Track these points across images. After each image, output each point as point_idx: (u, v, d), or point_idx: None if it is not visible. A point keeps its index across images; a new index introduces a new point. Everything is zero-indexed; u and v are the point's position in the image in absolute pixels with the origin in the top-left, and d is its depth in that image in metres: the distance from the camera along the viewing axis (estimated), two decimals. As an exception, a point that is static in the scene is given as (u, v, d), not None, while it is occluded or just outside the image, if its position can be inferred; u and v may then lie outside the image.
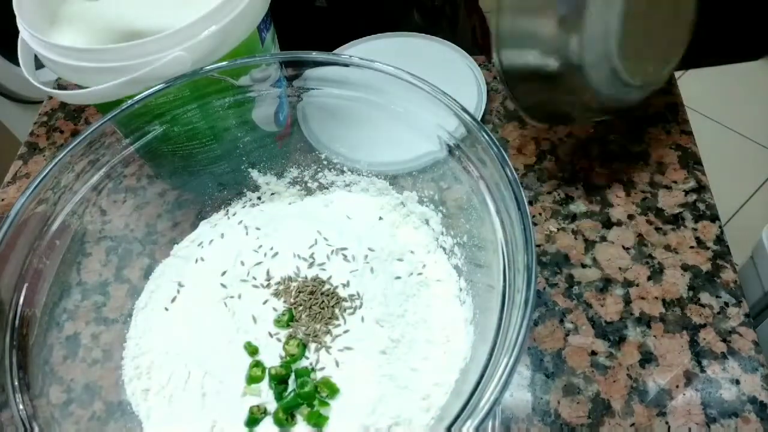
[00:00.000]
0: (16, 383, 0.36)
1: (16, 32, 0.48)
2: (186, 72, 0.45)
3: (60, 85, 0.71)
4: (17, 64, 0.50)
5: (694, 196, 0.56)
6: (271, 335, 0.44)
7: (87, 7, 0.52)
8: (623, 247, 0.53)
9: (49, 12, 0.51)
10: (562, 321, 0.49)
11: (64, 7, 0.52)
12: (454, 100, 0.41)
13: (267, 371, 0.43)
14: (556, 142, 0.61)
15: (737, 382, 0.45)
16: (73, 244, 0.44)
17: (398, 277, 0.46)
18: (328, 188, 0.54)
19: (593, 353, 0.47)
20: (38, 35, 0.45)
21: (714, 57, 0.57)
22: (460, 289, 0.46)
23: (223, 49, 0.47)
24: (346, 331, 0.44)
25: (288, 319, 0.45)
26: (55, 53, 0.45)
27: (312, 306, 0.45)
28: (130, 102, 0.44)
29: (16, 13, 0.47)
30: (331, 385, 0.41)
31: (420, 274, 0.47)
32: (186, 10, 0.48)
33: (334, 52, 0.69)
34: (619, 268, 0.52)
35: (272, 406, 0.42)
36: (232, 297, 0.46)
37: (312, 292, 0.45)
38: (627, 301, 0.50)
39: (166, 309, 0.47)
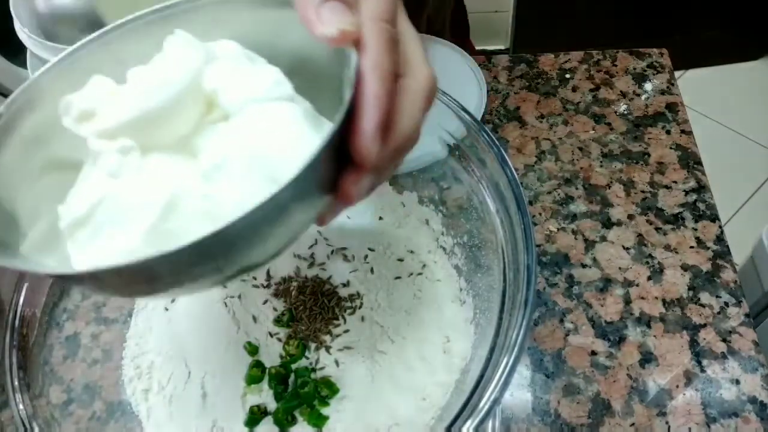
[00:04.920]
0: (16, 383, 0.36)
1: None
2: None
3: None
4: (17, 64, 0.50)
5: (694, 196, 0.56)
6: (271, 335, 0.44)
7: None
8: (623, 247, 0.53)
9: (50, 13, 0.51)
10: (562, 321, 0.49)
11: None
12: (454, 100, 0.41)
13: (267, 371, 0.43)
14: (556, 142, 0.61)
15: (737, 382, 0.45)
16: (73, 244, 0.44)
17: (398, 277, 0.46)
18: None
19: (593, 353, 0.47)
20: (35, 36, 0.45)
21: (714, 57, 0.56)
22: (461, 289, 0.46)
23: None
24: (346, 331, 0.44)
25: (288, 319, 0.45)
26: (52, 54, 0.45)
27: (312, 306, 0.45)
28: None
29: (12, 14, 0.47)
30: (331, 385, 0.41)
31: (420, 274, 0.47)
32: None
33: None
34: (619, 268, 0.52)
35: (272, 406, 0.42)
36: (232, 297, 0.46)
37: (312, 292, 0.45)
38: (627, 301, 0.50)
39: (166, 309, 0.47)
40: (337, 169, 0.24)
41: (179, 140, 0.26)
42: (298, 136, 0.24)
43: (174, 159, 0.25)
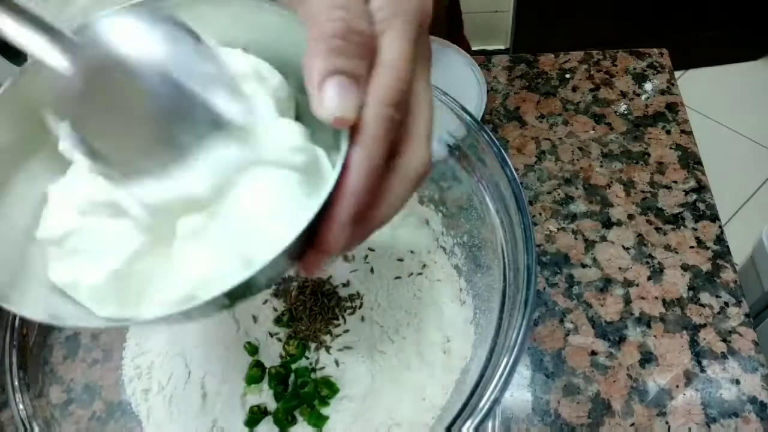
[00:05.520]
0: (16, 383, 0.36)
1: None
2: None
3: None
4: (17, 64, 0.50)
5: (694, 196, 0.56)
6: (271, 335, 0.44)
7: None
8: (623, 247, 0.53)
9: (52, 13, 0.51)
10: (562, 321, 0.49)
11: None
12: (454, 100, 0.41)
13: (267, 371, 0.43)
14: (556, 142, 0.61)
15: (737, 382, 0.45)
16: (73, 244, 0.44)
17: (398, 277, 0.46)
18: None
19: (593, 353, 0.47)
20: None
21: (714, 57, 0.56)
22: (461, 289, 0.46)
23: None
24: (346, 331, 0.44)
25: (288, 319, 0.45)
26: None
27: (312, 306, 0.45)
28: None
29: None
30: (331, 384, 0.41)
31: (420, 274, 0.47)
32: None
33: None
34: (619, 268, 0.52)
35: (272, 406, 0.42)
36: (232, 297, 0.46)
37: (312, 292, 0.45)
38: (627, 301, 0.50)
39: (166, 309, 0.47)
40: (306, 241, 0.22)
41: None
42: (284, 215, 0.23)
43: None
